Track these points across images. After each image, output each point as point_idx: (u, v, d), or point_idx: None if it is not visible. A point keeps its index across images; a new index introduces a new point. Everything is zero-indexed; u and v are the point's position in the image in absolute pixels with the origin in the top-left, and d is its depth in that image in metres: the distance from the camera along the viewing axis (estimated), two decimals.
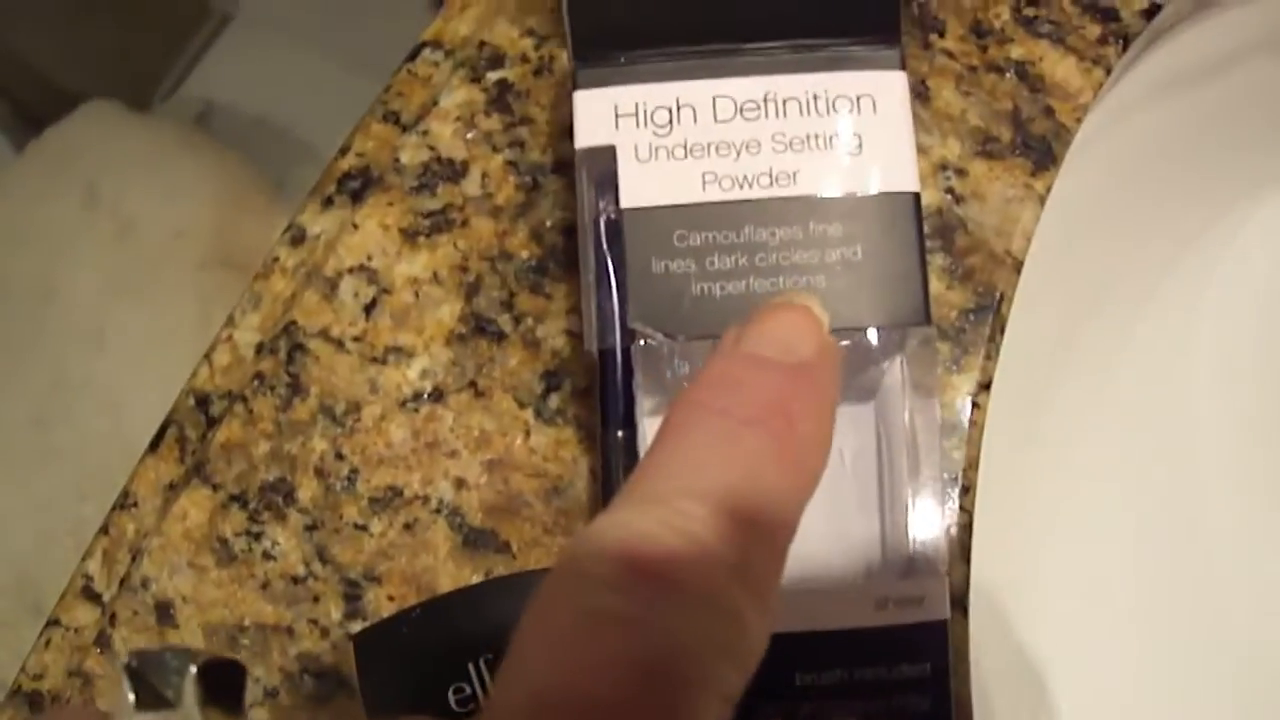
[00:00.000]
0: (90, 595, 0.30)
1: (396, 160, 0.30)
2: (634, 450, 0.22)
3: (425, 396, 0.28)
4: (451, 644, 0.25)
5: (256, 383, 0.29)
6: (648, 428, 0.22)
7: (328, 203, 0.30)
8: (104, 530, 0.30)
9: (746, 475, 0.14)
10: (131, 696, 0.23)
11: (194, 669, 0.25)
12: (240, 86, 0.74)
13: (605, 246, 0.22)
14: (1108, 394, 0.30)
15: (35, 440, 0.59)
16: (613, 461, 0.22)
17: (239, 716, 0.26)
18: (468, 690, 0.25)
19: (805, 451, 0.14)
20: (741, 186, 0.22)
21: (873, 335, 0.22)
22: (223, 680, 0.27)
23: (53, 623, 0.30)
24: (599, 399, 0.23)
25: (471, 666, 0.25)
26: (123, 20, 0.72)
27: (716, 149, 0.22)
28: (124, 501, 0.30)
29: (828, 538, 0.22)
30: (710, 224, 0.22)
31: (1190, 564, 0.33)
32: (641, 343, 0.22)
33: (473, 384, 0.28)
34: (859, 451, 0.23)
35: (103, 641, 0.29)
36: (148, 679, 0.25)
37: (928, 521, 0.22)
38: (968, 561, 0.27)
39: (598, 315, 0.22)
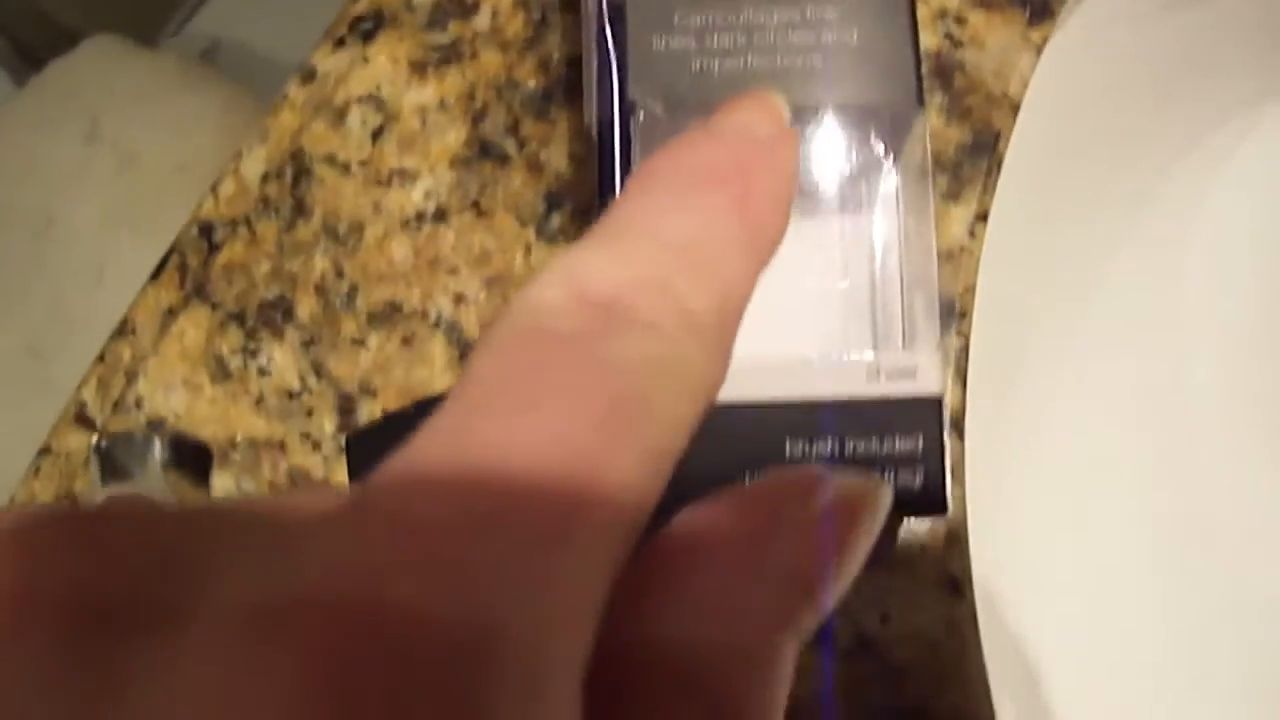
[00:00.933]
0: (83, 420, 0.31)
1: (409, 1, 0.31)
2: None
3: (428, 216, 0.29)
4: None
5: (261, 206, 0.30)
6: None
7: (339, 44, 0.32)
8: (100, 359, 0.31)
9: (704, 226, 0.14)
10: (98, 473, 0.24)
11: (159, 441, 0.25)
12: (245, 24, 0.77)
13: (608, 25, 0.23)
14: (1106, 235, 0.31)
15: (32, 370, 0.60)
16: None
17: (204, 488, 0.26)
18: None
19: (763, 212, 0.15)
20: None
21: (864, 112, 0.23)
22: (189, 454, 0.27)
23: (44, 451, 0.31)
24: (596, 172, 0.24)
25: None
26: None
27: None
28: (122, 329, 0.31)
29: (822, 310, 0.23)
30: (711, 4, 0.23)
31: (1177, 452, 0.34)
32: (640, 115, 0.23)
33: (475, 204, 0.29)
34: (856, 236, 0.24)
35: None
36: (116, 457, 0.26)
37: (922, 300, 0.23)
38: (964, 385, 0.28)
39: (598, 90, 0.23)
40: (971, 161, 0.29)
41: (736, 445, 0.23)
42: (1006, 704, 0.26)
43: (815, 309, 0.23)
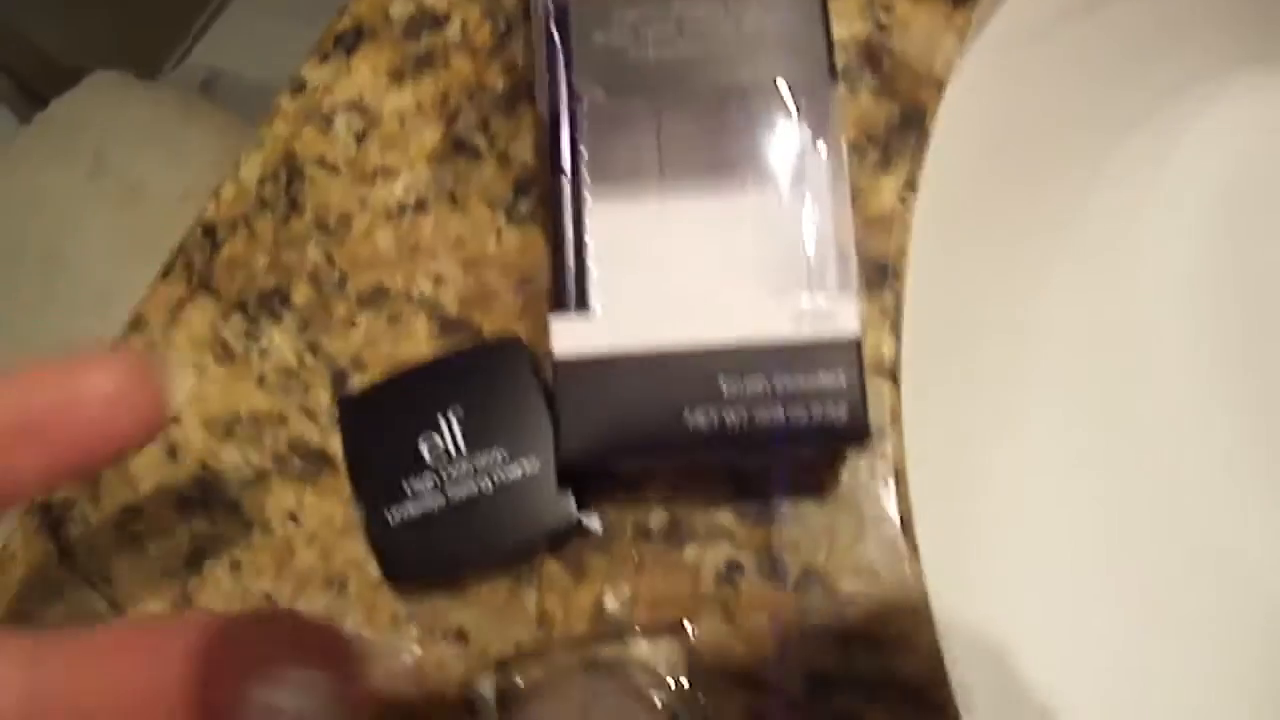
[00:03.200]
0: None
1: (386, 15, 0.36)
2: (579, 194, 0.28)
3: (409, 208, 0.34)
4: (424, 401, 0.31)
5: (258, 205, 0.35)
6: (586, 175, 0.28)
7: (324, 57, 0.37)
8: (113, 349, 0.36)
9: None
10: None
11: None
12: (241, 54, 0.83)
13: (554, 24, 0.28)
14: (1039, 201, 0.35)
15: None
16: (561, 204, 0.28)
17: None
18: (439, 442, 0.30)
19: None
20: None
21: (784, 88, 0.28)
22: None
23: None
24: (549, 155, 0.28)
25: (440, 417, 0.30)
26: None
27: None
28: (135, 324, 0.36)
29: (752, 266, 0.28)
30: (644, 1, 0.28)
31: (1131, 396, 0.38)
32: (585, 102, 0.28)
33: (451, 195, 0.34)
34: (780, 199, 0.28)
35: None
36: None
37: (839, 254, 0.28)
38: (897, 337, 0.32)
39: (549, 82, 0.28)
40: (901, 136, 0.33)
41: (675, 386, 0.27)
42: (952, 633, 0.30)
43: (745, 265, 0.28)
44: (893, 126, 0.33)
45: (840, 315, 0.27)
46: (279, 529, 0.32)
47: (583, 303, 0.28)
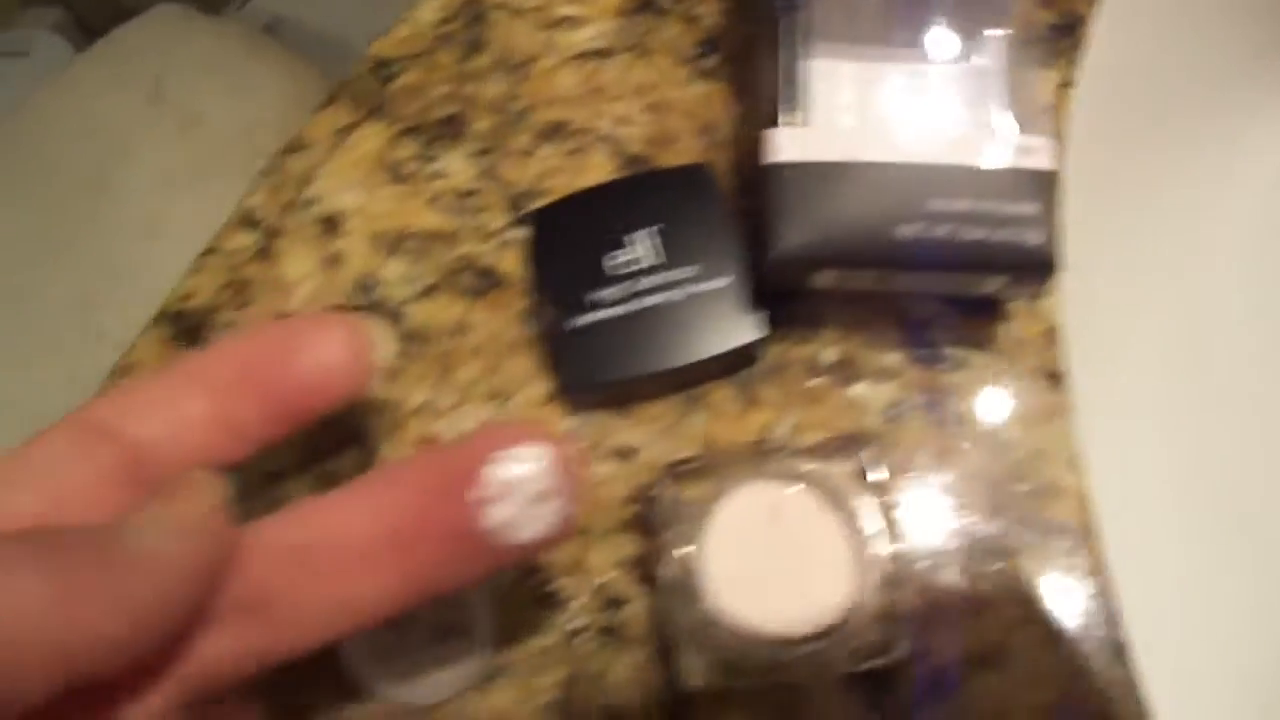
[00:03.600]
0: (250, 223, 0.36)
1: None
2: (806, 24, 0.30)
3: (594, 54, 0.36)
4: (618, 217, 0.32)
5: (437, 41, 0.36)
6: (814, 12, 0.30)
7: None
8: (268, 172, 0.36)
9: None
10: None
11: None
12: (304, 3, 0.84)
13: None
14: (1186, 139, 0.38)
15: (81, 321, 0.64)
16: (791, 27, 0.30)
17: None
18: (631, 254, 0.31)
19: None
20: None
21: None
22: None
23: (209, 251, 0.36)
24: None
25: (631, 231, 0.31)
26: None
27: None
28: (293, 146, 0.37)
29: (963, 106, 0.30)
30: None
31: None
32: None
33: (636, 46, 0.36)
34: (988, 62, 0.30)
35: (265, 253, 0.35)
36: None
37: (1040, 99, 0.30)
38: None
39: None
40: (1059, 38, 0.36)
41: (885, 199, 0.29)
42: (1100, 484, 0.32)
43: (953, 108, 0.30)
44: (1051, 29, 0.36)
45: (1040, 151, 0.29)
46: (444, 342, 0.33)
47: (800, 116, 0.29)
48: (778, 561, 0.28)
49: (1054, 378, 0.32)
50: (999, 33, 0.31)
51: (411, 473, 0.22)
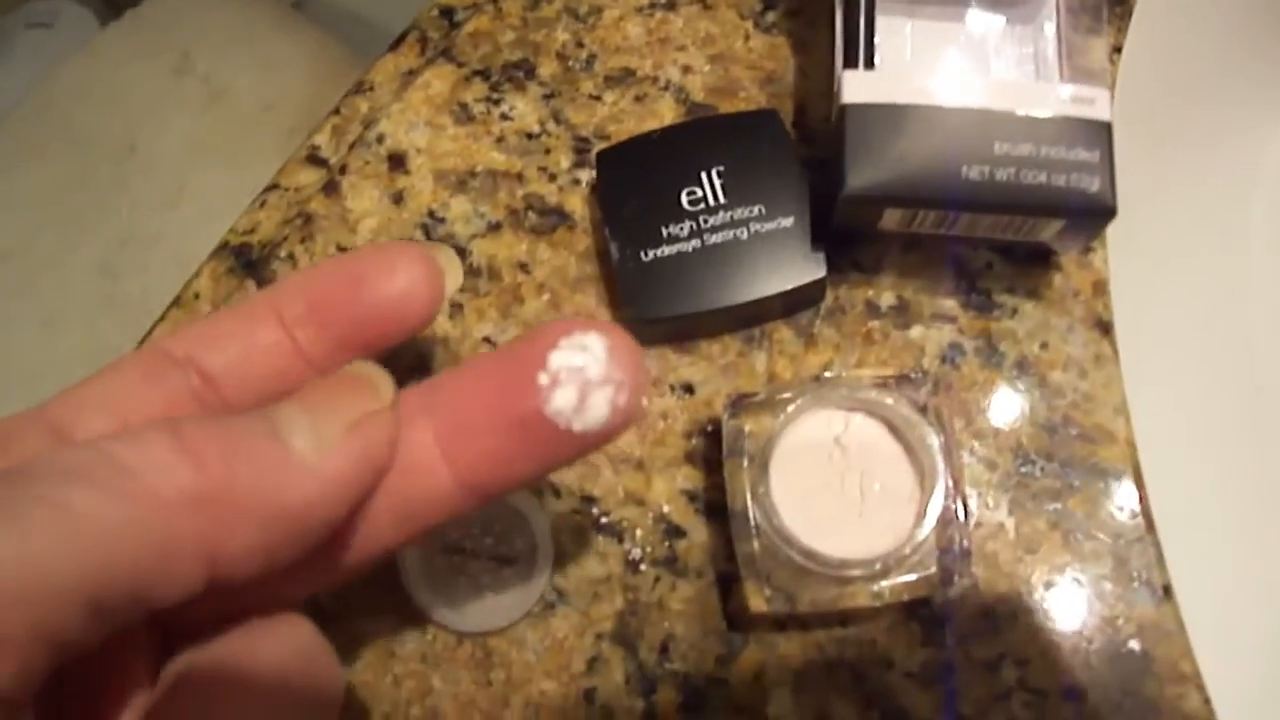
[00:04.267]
0: (315, 161, 0.36)
1: None
2: None
3: (660, 6, 0.37)
4: (686, 158, 0.33)
5: None
6: None
7: None
8: (334, 111, 0.37)
9: None
10: None
11: None
12: None
13: None
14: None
15: (103, 288, 0.64)
16: None
17: None
18: (699, 193, 0.32)
19: None
20: None
21: None
22: None
23: (271, 187, 0.36)
24: None
25: (701, 170, 0.32)
26: None
27: None
28: (358, 88, 0.37)
29: (1026, 58, 0.31)
30: None
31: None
32: None
33: (701, 0, 0.37)
34: (1053, 20, 0.32)
35: (330, 188, 0.36)
36: None
37: (1099, 54, 0.31)
38: None
39: None
40: (1109, 6, 0.37)
41: (953, 141, 0.30)
42: (1137, 422, 0.33)
43: (1018, 61, 0.31)
44: None
45: (1098, 102, 0.30)
46: (507, 277, 0.34)
47: (870, 60, 0.31)
48: (842, 488, 0.29)
49: (1102, 327, 0.33)
50: None
51: (476, 367, 0.22)
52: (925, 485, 0.29)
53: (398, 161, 0.35)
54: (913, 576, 0.29)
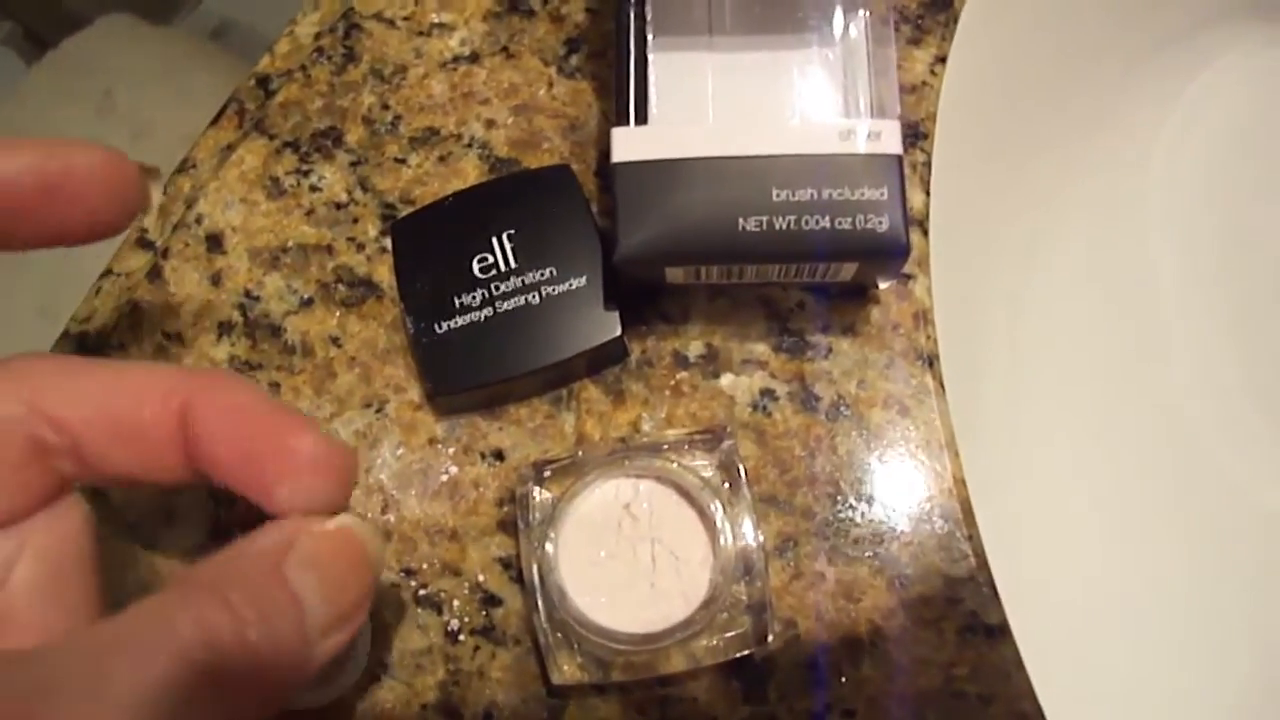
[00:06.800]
0: (144, 244, 0.38)
1: None
2: (644, 20, 0.31)
3: (463, 59, 0.37)
4: (477, 223, 0.33)
5: (314, 55, 0.38)
6: (649, 13, 0.31)
7: None
8: (163, 191, 0.38)
9: None
10: None
11: None
12: (253, 6, 0.86)
13: None
14: (1056, 107, 0.39)
15: (44, 330, 0.67)
16: (627, 27, 0.31)
17: None
18: (490, 259, 0.33)
19: None
20: None
21: None
22: None
23: (106, 273, 0.38)
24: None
25: (494, 240, 0.33)
26: None
27: None
28: (182, 167, 0.39)
29: (807, 93, 0.31)
30: None
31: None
32: None
33: (505, 49, 0.37)
34: (835, 47, 0.32)
35: (154, 273, 0.37)
36: None
37: (885, 84, 0.31)
38: (928, 192, 0.35)
39: None
40: (931, 15, 0.37)
41: (728, 193, 0.30)
42: (967, 455, 0.33)
43: (795, 97, 0.31)
44: (925, 6, 0.37)
45: (884, 135, 0.30)
46: (320, 352, 0.35)
47: (642, 115, 0.31)
48: (632, 558, 0.30)
49: (925, 359, 0.33)
50: (858, 14, 0.32)
51: None
52: (719, 546, 0.30)
53: (215, 242, 0.36)
54: (727, 635, 0.30)
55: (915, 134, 0.35)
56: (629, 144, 0.31)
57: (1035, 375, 0.39)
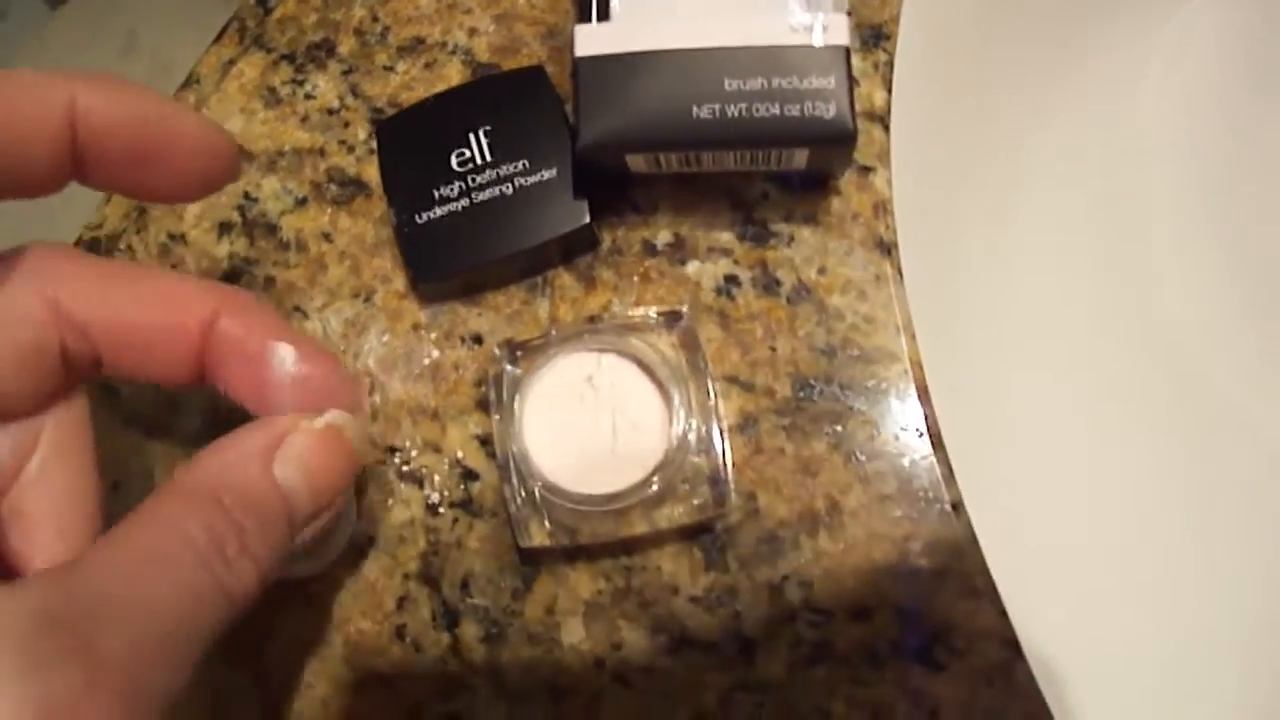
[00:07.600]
0: None
1: None
2: None
3: None
4: (456, 121, 0.36)
5: None
6: None
7: None
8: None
9: None
10: None
11: None
12: None
13: None
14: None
15: None
16: None
17: None
18: (467, 153, 0.35)
19: None
20: None
21: None
22: None
23: None
24: None
25: (471, 136, 0.36)
26: None
27: None
28: (187, 82, 0.42)
29: None
30: None
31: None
32: None
33: None
34: None
35: None
36: None
37: None
38: (888, 90, 0.37)
39: None
40: None
41: (684, 83, 0.32)
42: (922, 340, 0.35)
43: None
44: None
45: (833, 27, 0.32)
46: (313, 247, 0.37)
47: (604, 12, 0.33)
48: (593, 426, 0.33)
49: (883, 248, 0.35)
50: None
51: None
52: (674, 415, 0.32)
53: None
54: (687, 504, 0.33)
55: (878, 35, 0.37)
56: (590, 39, 0.33)
57: (1019, 280, 0.41)
